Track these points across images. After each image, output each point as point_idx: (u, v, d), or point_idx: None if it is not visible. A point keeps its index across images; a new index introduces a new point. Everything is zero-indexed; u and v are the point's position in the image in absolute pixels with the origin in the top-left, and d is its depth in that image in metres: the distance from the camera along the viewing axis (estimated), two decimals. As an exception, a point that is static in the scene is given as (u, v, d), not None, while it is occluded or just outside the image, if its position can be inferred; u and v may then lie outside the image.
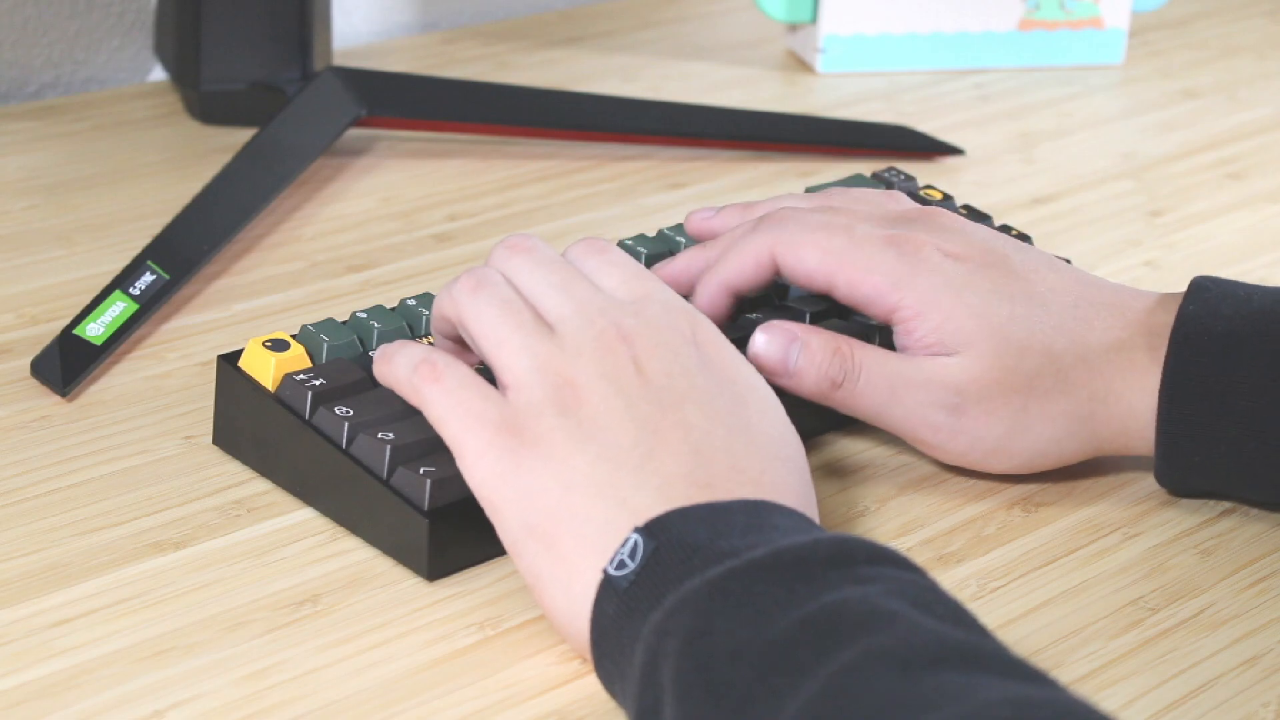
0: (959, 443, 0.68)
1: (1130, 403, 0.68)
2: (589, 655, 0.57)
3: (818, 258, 0.68)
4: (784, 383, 0.68)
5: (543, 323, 0.61)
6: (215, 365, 0.70)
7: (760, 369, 0.67)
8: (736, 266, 0.70)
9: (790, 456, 0.60)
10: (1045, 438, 0.68)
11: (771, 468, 0.59)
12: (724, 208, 0.75)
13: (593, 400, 0.59)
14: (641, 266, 0.64)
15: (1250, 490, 0.69)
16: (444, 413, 0.60)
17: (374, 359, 0.64)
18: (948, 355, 0.67)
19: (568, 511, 0.58)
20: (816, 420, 0.73)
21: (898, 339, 0.69)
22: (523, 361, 0.60)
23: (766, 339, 0.68)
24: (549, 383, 0.59)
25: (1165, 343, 0.68)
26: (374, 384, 0.67)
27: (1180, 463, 0.68)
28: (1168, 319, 0.68)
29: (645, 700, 0.53)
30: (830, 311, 0.74)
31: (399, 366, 0.62)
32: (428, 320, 0.71)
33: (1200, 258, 0.92)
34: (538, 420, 0.59)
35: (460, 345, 0.66)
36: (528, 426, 0.59)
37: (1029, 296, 0.68)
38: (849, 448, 0.73)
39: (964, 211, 0.84)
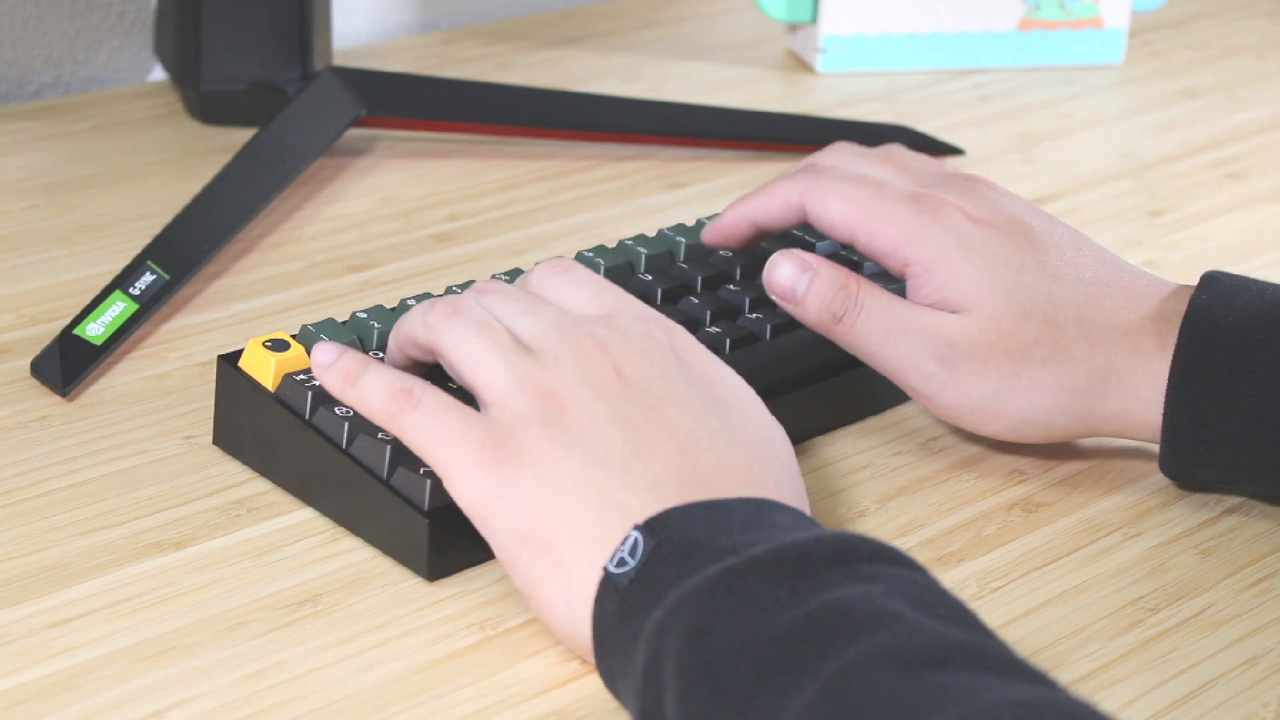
0: (948, 395, 0.69)
1: (1132, 385, 0.68)
2: (589, 657, 0.57)
3: (842, 207, 0.71)
4: (791, 309, 0.70)
5: (520, 343, 0.61)
6: (215, 365, 0.70)
7: (771, 292, 0.71)
8: (765, 202, 0.73)
9: (776, 455, 0.61)
10: (1035, 405, 0.69)
11: (758, 466, 0.59)
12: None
13: (576, 407, 0.59)
14: (607, 281, 0.64)
15: (1255, 481, 0.69)
16: (426, 438, 0.60)
17: (320, 365, 0.63)
18: (950, 312, 0.68)
19: (560, 516, 0.58)
20: (814, 420, 0.73)
21: (908, 294, 0.70)
22: (502, 378, 0.60)
23: (782, 264, 0.70)
24: (530, 395, 0.59)
25: (1175, 330, 0.68)
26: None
27: (1186, 451, 0.68)
28: (1181, 308, 0.69)
29: (648, 699, 0.53)
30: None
31: (372, 395, 0.62)
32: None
33: (1200, 258, 0.92)
34: (523, 432, 0.59)
35: (413, 369, 0.65)
36: (513, 439, 0.59)
37: (1041, 266, 0.69)
38: (849, 448, 0.73)
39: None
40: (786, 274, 0.70)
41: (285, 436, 0.67)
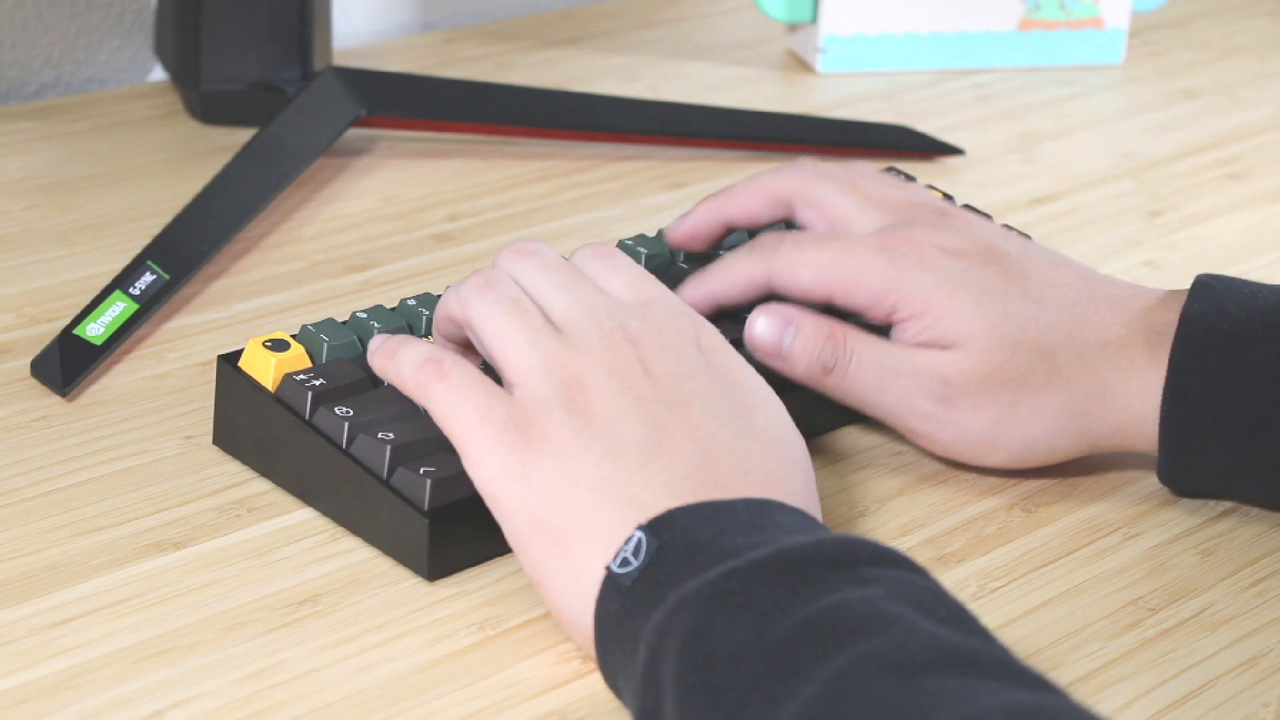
0: (947, 433, 0.68)
1: (1128, 400, 0.68)
2: (593, 651, 0.57)
3: (811, 274, 0.69)
4: (777, 365, 0.69)
5: (550, 323, 0.61)
6: (215, 365, 0.70)
7: (755, 350, 0.69)
8: (725, 283, 0.71)
9: (794, 458, 0.60)
10: (1035, 433, 0.68)
11: (777, 469, 0.59)
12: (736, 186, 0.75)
13: (600, 398, 0.59)
14: (646, 271, 0.64)
15: (1254, 491, 0.69)
16: (450, 410, 0.60)
17: (371, 350, 0.65)
18: (941, 349, 0.68)
19: (574, 507, 0.58)
20: (820, 419, 0.73)
21: (894, 336, 0.69)
22: (530, 359, 0.60)
23: (763, 321, 0.69)
24: (556, 380, 0.59)
25: (1166, 341, 0.68)
26: (374, 384, 0.67)
27: (1184, 462, 0.68)
28: (1170, 317, 0.68)
29: (647, 700, 0.53)
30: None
31: (404, 363, 0.62)
32: (428, 320, 0.71)
33: (1200, 258, 0.92)
34: (545, 417, 0.59)
35: (463, 348, 0.66)
36: (535, 423, 0.59)
37: (1025, 293, 0.68)
38: (850, 446, 0.73)
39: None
40: (769, 330, 0.68)
41: (285, 436, 0.67)
